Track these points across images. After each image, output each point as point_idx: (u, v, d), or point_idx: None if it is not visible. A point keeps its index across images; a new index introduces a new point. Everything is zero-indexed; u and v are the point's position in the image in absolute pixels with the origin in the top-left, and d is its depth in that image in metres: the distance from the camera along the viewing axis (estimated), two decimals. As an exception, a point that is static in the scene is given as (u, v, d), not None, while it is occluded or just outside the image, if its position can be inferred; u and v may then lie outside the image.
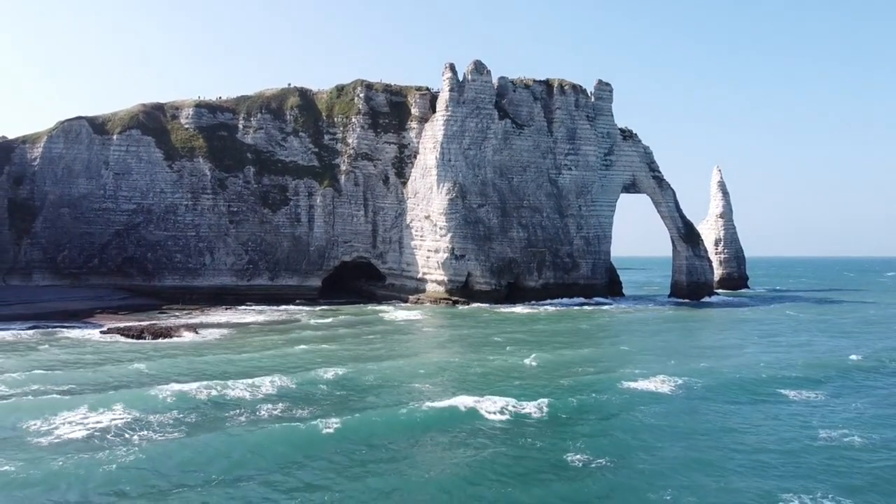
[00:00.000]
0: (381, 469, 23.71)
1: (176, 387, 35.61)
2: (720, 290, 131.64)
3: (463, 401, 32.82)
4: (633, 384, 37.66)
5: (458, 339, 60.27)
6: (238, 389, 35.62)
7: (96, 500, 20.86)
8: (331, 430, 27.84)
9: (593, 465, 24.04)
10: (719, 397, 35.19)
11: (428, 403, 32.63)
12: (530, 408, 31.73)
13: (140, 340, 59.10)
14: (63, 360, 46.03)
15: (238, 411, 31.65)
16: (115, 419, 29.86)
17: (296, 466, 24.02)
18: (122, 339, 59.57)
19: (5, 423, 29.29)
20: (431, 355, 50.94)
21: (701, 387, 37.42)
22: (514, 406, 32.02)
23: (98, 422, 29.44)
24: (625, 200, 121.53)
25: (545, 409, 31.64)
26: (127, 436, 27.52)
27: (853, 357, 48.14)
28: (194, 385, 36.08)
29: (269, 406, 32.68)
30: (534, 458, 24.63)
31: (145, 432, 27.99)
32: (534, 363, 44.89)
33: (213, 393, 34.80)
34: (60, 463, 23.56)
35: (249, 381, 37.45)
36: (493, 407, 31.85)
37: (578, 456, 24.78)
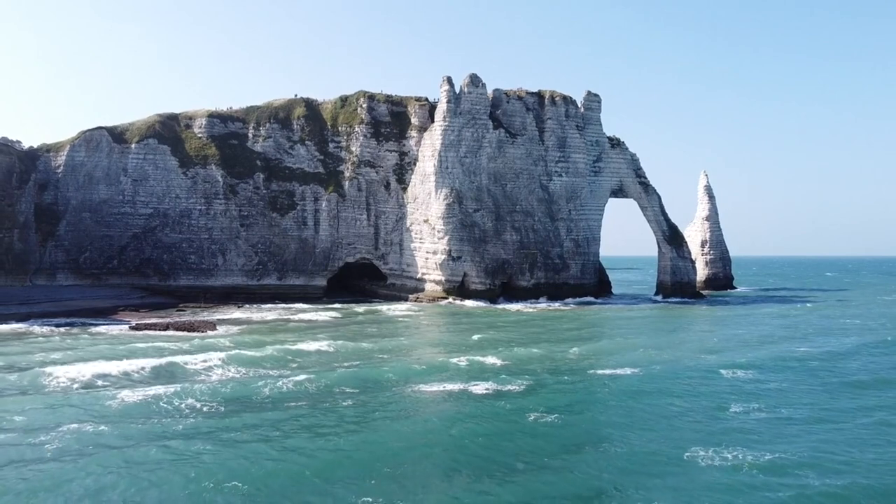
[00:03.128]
0: (382, 418, 30.48)
1: (214, 363, 42.58)
2: (706, 290, 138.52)
3: (453, 377, 39.79)
4: (600, 371, 44.27)
5: (452, 332, 66.96)
6: (267, 370, 42.45)
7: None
8: (350, 403, 34.63)
9: (547, 422, 31.14)
10: (668, 380, 41.80)
11: (425, 383, 39.41)
12: (509, 385, 38.53)
13: (167, 333, 65.78)
14: (107, 349, 52.48)
15: (271, 376, 38.64)
16: (165, 392, 36.40)
17: (319, 406, 31.11)
18: (151, 333, 66.17)
19: (77, 396, 35.96)
20: (429, 345, 57.83)
21: (657, 372, 44.12)
22: (495, 383, 38.84)
23: (149, 393, 36.04)
24: (621, 204, 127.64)
25: (521, 387, 38.35)
26: (177, 402, 34.12)
27: (801, 349, 54.78)
28: (232, 357, 43.09)
29: (297, 370, 39.65)
30: (505, 416, 31.67)
31: (193, 400, 34.67)
32: (518, 352, 51.54)
33: (249, 365, 41.81)
34: (127, 417, 30.38)
35: (274, 366, 44.26)
36: (477, 382, 38.90)
37: (535, 415, 31.76)
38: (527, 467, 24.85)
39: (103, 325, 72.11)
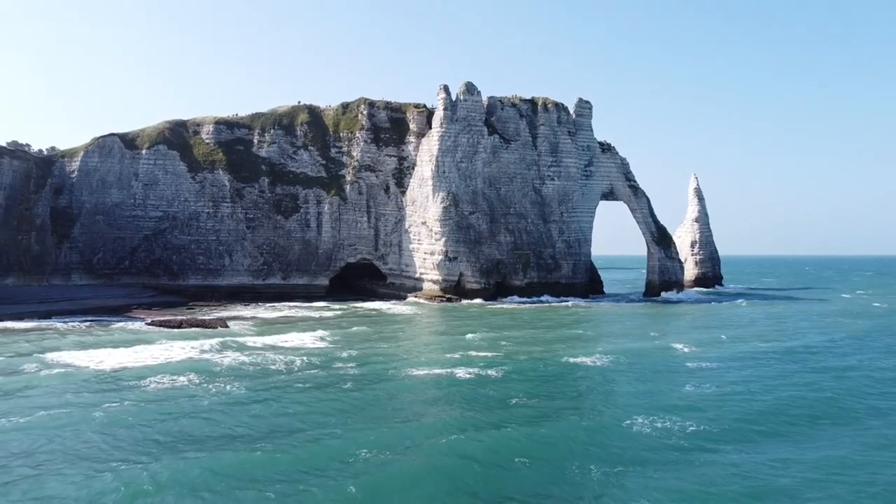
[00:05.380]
0: (376, 391, 35.64)
1: (230, 353, 47.60)
2: (695, 288, 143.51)
3: (443, 364, 45.00)
4: (573, 359, 49.45)
5: (446, 327, 71.97)
6: (278, 359, 47.49)
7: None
8: (351, 384, 39.78)
9: (518, 394, 36.64)
10: (634, 366, 46.98)
11: (416, 367, 44.56)
12: (491, 371, 43.67)
13: (181, 329, 70.74)
14: (129, 343, 57.51)
15: (282, 364, 43.72)
16: (189, 378, 41.46)
17: (326, 381, 36.41)
18: (167, 329, 71.16)
19: (112, 380, 41.04)
20: (423, 337, 62.98)
21: (624, 360, 49.24)
22: (479, 370, 43.99)
23: (176, 380, 41.08)
24: (620, 205, 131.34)
25: (501, 373, 43.44)
26: (203, 385, 39.14)
27: (762, 344, 59.68)
28: (246, 348, 48.08)
29: (303, 360, 44.79)
30: (486, 397, 36.75)
31: (217, 383, 39.67)
32: (504, 344, 56.72)
33: (262, 355, 46.84)
34: (156, 400, 35.52)
35: (284, 356, 49.31)
36: (464, 367, 44.12)
37: (516, 399, 36.72)
38: (489, 420, 31.12)
39: (120, 321, 77.03)
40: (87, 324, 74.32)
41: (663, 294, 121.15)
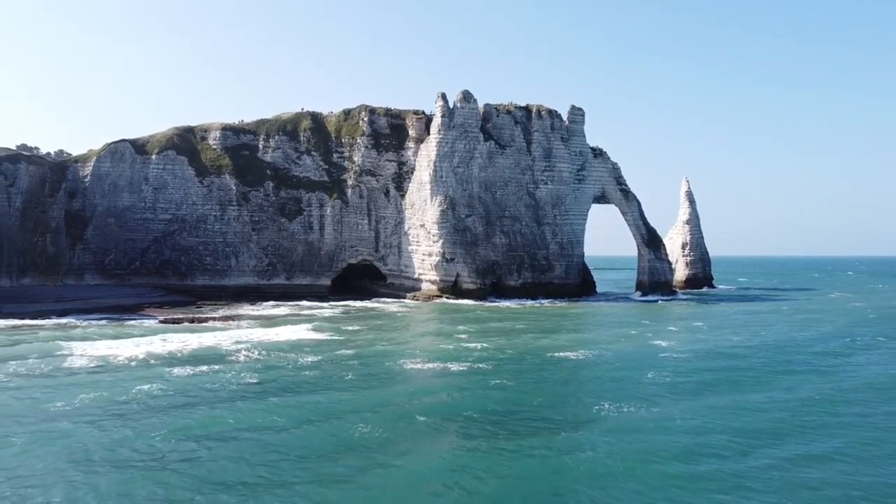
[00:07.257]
0: (375, 381, 40.31)
1: (242, 348, 52.24)
2: (686, 288, 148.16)
3: (437, 357, 49.68)
4: (558, 353, 54.00)
5: (443, 325, 76.57)
6: (285, 353, 52.18)
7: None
8: (351, 374, 44.45)
9: (507, 387, 41.02)
10: (612, 359, 51.55)
11: (412, 357, 49.27)
12: (481, 364, 48.31)
13: (193, 325, 75.37)
14: (147, 339, 62.03)
15: (289, 357, 48.38)
16: (207, 369, 46.12)
17: (328, 367, 41.02)
18: (179, 325, 75.77)
19: (137, 371, 45.71)
20: (420, 334, 67.53)
21: (606, 354, 53.88)
22: (471, 363, 48.61)
23: (196, 370, 45.77)
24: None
25: (491, 365, 48.05)
26: (220, 374, 43.79)
27: (734, 338, 64.33)
28: (256, 343, 52.81)
29: (309, 353, 49.43)
30: (474, 384, 41.50)
31: (232, 373, 44.36)
32: (495, 339, 61.28)
33: (271, 350, 51.52)
34: (182, 381, 40.25)
35: (291, 350, 53.96)
36: (456, 360, 48.83)
37: (499, 380, 41.63)
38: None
39: (134, 319, 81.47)
40: (104, 321, 78.77)
41: (650, 295, 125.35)
